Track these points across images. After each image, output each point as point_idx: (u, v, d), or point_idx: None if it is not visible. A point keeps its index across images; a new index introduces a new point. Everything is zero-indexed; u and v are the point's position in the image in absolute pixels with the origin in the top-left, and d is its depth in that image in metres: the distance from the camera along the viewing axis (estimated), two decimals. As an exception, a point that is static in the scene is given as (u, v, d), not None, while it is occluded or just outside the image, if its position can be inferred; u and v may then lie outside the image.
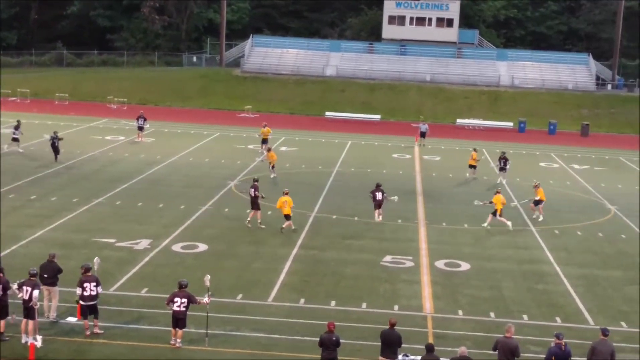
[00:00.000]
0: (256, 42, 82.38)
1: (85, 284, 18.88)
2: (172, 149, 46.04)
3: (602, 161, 50.44)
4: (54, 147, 40.14)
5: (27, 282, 18.40)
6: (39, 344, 17.41)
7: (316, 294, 22.78)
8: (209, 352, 18.46)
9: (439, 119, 66.63)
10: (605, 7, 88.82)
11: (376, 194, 31.45)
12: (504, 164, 40.88)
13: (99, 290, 19.06)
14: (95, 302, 18.98)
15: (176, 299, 18.56)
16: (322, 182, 38.96)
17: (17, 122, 43.39)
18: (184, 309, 18.53)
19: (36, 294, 18.17)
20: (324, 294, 22.81)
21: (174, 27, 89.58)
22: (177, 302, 18.52)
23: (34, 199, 32.55)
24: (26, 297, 18.21)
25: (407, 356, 17.45)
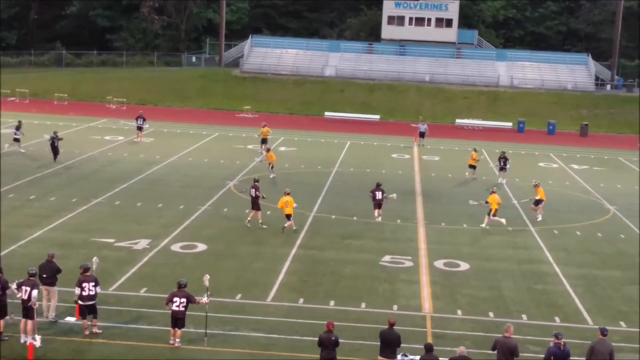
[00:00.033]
0: (255, 42, 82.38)
1: (84, 284, 18.87)
2: (171, 149, 46.04)
3: (601, 161, 50.44)
4: (54, 147, 40.12)
5: (26, 282, 18.40)
6: (37, 343, 17.40)
7: (315, 294, 22.78)
8: (208, 352, 18.46)
9: (438, 119, 66.63)
10: (604, 8, 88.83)
11: (376, 193, 31.47)
12: (504, 163, 40.77)
13: (97, 290, 19.06)
14: (94, 302, 18.97)
15: (175, 298, 18.56)
16: (321, 182, 38.96)
17: (19, 123, 43.38)
18: (183, 309, 18.53)
19: (35, 293, 18.17)
20: (323, 294, 22.81)
21: (173, 27, 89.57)
22: (176, 302, 18.52)
23: (33, 199, 32.54)
24: (25, 297, 18.20)
25: (406, 356, 17.47)
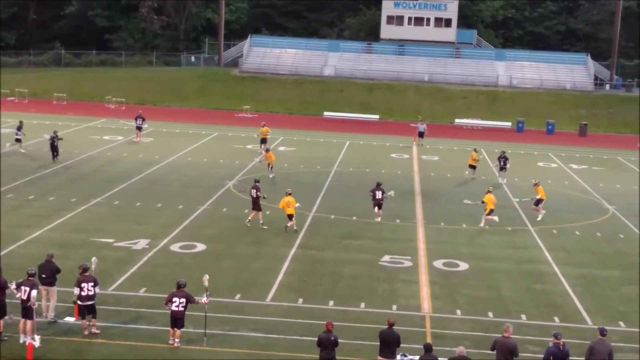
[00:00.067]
0: (254, 42, 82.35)
1: (83, 284, 18.87)
2: (171, 148, 46.02)
3: (601, 161, 50.46)
4: (53, 146, 40.11)
5: (26, 282, 18.39)
6: (37, 343, 17.39)
7: (314, 294, 22.78)
8: (207, 352, 18.46)
9: (437, 118, 66.63)
10: (603, 7, 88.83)
11: (376, 192, 31.49)
12: (504, 163, 40.73)
13: (96, 290, 19.05)
14: (93, 302, 18.96)
15: (175, 298, 18.56)
16: (320, 182, 38.96)
17: (20, 123, 43.35)
18: (182, 309, 18.53)
19: (34, 294, 18.17)
20: (323, 294, 22.81)
21: (173, 27, 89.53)
22: (175, 302, 18.52)
23: (32, 199, 32.53)
24: (24, 297, 18.19)
25: (405, 356, 17.46)
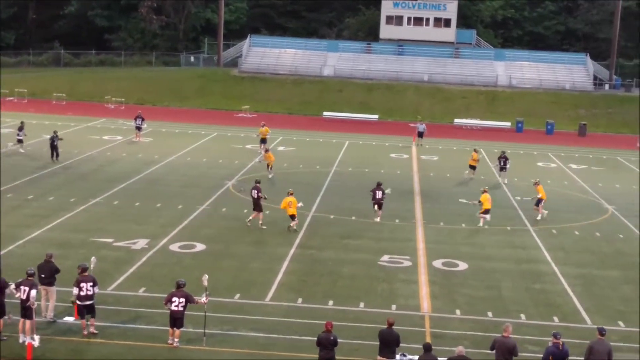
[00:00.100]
0: (254, 42, 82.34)
1: (81, 284, 18.86)
2: (170, 148, 46.01)
3: (600, 161, 50.47)
4: (53, 146, 40.11)
5: (25, 282, 18.39)
6: (36, 343, 17.39)
7: (314, 294, 22.78)
8: (206, 352, 18.46)
9: (436, 118, 66.63)
10: (602, 7, 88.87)
11: (376, 192, 31.51)
12: (504, 163, 40.72)
13: (95, 290, 19.03)
14: (92, 302, 18.94)
15: (174, 298, 18.56)
16: (319, 181, 38.96)
17: (21, 124, 43.36)
18: (181, 309, 18.53)
19: (34, 293, 18.17)
20: (322, 294, 22.81)
21: (172, 27, 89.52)
22: (175, 301, 18.51)
23: (32, 198, 32.52)
24: (24, 297, 18.19)
25: (404, 355, 17.45)
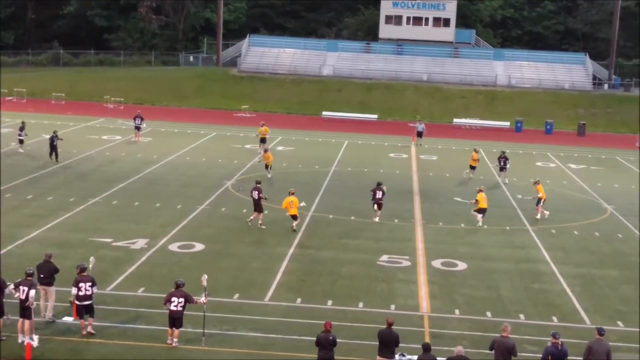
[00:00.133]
0: (253, 42, 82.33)
1: (80, 284, 18.85)
2: (169, 148, 46.01)
3: (599, 161, 50.48)
4: (52, 145, 40.09)
5: (24, 282, 18.39)
6: (35, 343, 17.39)
7: (313, 294, 22.78)
8: (205, 352, 18.46)
9: (435, 118, 66.64)
10: (602, 7, 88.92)
11: (376, 192, 31.52)
12: (504, 163, 40.71)
13: (94, 290, 19.02)
14: (90, 301, 18.93)
15: (173, 298, 18.55)
16: (318, 181, 38.96)
17: (22, 124, 43.35)
18: (181, 309, 18.52)
19: (33, 293, 18.17)
20: (321, 294, 22.81)
21: (171, 26, 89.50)
22: (174, 301, 18.51)
23: (31, 198, 32.51)
24: (23, 297, 18.20)
25: (403, 355, 17.45)
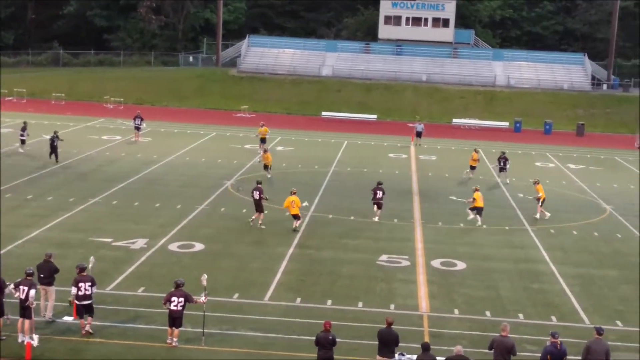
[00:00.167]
0: (252, 42, 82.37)
1: (80, 284, 18.87)
2: (169, 148, 46.03)
3: (598, 161, 50.52)
4: (53, 146, 40.11)
5: (24, 282, 18.43)
6: (35, 343, 17.42)
7: (312, 293, 22.82)
8: (205, 352, 18.49)
9: (435, 118, 66.68)
10: (600, 8, 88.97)
11: (377, 192, 31.57)
12: (504, 164, 40.72)
13: (93, 290, 19.04)
14: (90, 301, 18.96)
15: (173, 298, 18.59)
16: (318, 181, 38.99)
17: (24, 124, 43.39)
18: (180, 308, 18.56)
19: (33, 293, 18.20)
20: (320, 293, 22.85)
21: (171, 27, 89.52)
22: (174, 301, 18.55)
23: (31, 198, 32.53)
24: (23, 297, 18.23)
25: (403, 355, 17.49)
